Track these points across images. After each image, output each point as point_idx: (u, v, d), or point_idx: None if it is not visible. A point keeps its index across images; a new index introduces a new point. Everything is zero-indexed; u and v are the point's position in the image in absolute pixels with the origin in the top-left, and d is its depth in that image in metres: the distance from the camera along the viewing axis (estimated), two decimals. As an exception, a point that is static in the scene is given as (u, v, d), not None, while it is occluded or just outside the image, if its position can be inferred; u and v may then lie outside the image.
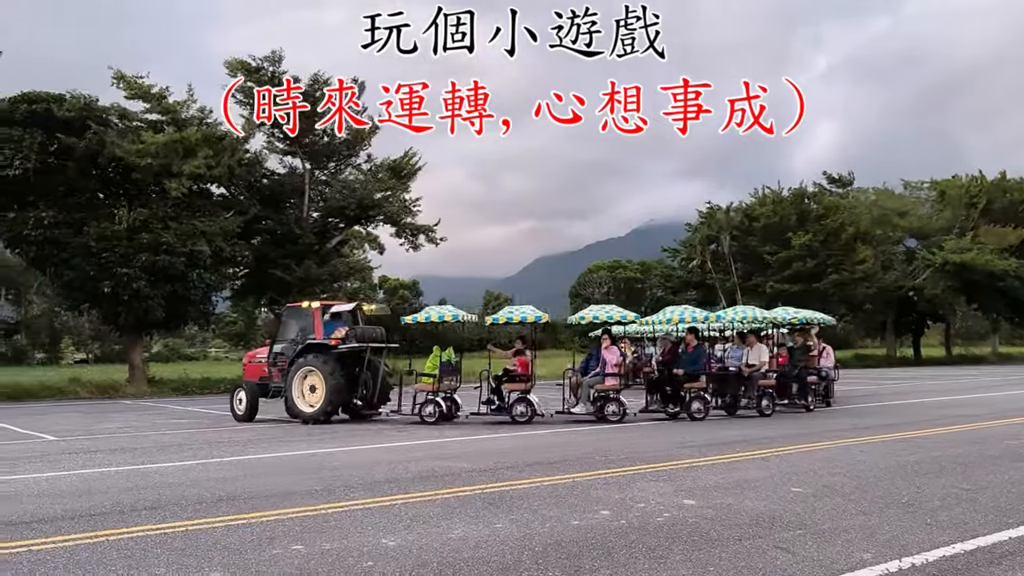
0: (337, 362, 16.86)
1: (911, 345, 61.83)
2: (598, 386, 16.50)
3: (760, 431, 14.20)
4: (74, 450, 12.85)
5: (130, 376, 30.51)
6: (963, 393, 24.26)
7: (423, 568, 5.51)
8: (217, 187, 32.17)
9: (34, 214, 27.38)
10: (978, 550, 5.86)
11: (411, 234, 35.83)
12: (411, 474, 9.61)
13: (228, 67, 30.56)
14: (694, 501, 7.70)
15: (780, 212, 50.88)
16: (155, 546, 6.19)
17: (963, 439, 12.52)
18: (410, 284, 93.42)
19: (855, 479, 8.85)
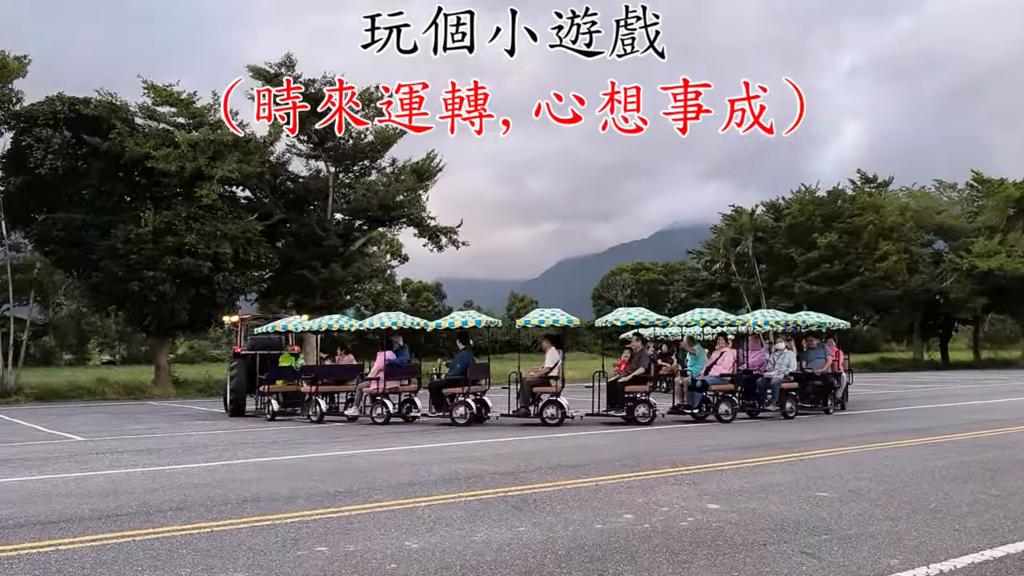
0: (243, 365, 20.14)
1: (938, 349, 61.15)
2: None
3: (786, 435, 14.09)
4: (101, 451, 13.00)
5: (156, 377, 30.80)
6: (992, 397, 23.94)
7: (446, 571, 5.51)
8: (242, 190, 32.42)
9: (63, 216, 27.71)
10: (1008, 557, 5.77)
11: (434, 236, 35.91)
12: (434, 476, 9.62)
13: (252, 71, 30.73)
14: (718, 505, 7.65)
15: (807, 212, 50.32)
16: (181, 547, 6.24)
17: (992, 444, 12.36)
18: (433, 287, 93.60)
19: (882, 484, 8.76)
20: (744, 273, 53.32)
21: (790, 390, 17.69)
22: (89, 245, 28.04)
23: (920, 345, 59.45)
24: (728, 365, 17.40)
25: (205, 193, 27.58)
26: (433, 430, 15.60)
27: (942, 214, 54.65)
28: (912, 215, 53.06)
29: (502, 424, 16.46)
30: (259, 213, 31.34)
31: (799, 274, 49.49)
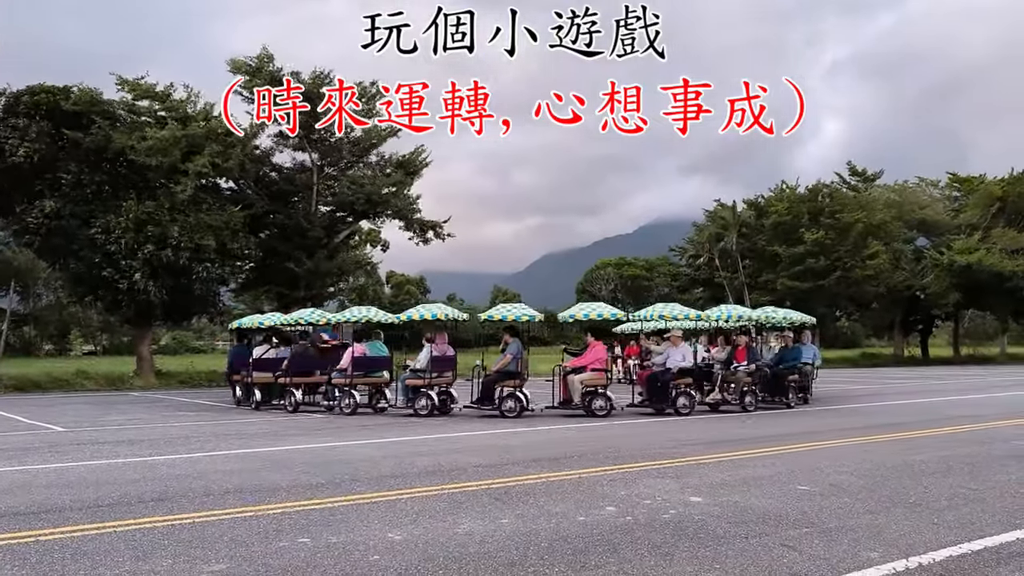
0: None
1: (919, 344, 61.64)
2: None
3: (767, 429, 14.18)
4: (82, 441, 12.92)
5: (138, 368, 30.60)
6: (971, 393, 24.17)
7: (429, 563, 5.51)
8: (226, 181, 32.20)
9: (40, 204, 27.43)
10: (985, 550, 5.84)
11: (420, 229, 35.82)
12: (417, 469, 9.62)
13: (232, 65, 30.55)
14: (700, 498, 7.69)
15: (793, 210, 50.43)
16: (162, 537, 6.22)
17: (971, 439, 12.48)
18: (417, 280, 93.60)
19: (862, 478, 8.83)
20: (728, 268, 53.49)
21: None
22: (69, 235, 27.79)
23: (901, 341, 59.95)
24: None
25: (181, 189, 27.37)
26: (413, 422, 15.59)
27: (925, 209, 55.02)
28: (896, 211, 53.43)
29: (466, 416, 16.62)
30: (242, 204, 31.10)
31: (783, 269, 49.59)
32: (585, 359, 17.13)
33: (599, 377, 16.89)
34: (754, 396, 18.08)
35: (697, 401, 17.65)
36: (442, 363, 17.22)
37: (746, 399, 17.86)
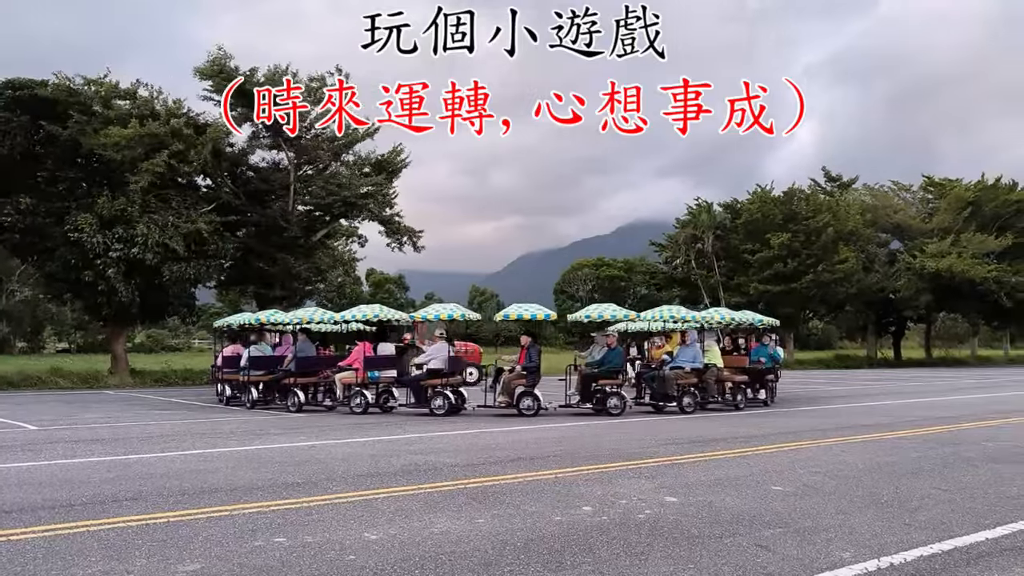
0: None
1: (891, 347, 62.25)
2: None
3: (743, 429, 14.28)
4: (55, 440, 12.78)
5: (112, 366, 30.33)
6: (942, 395, 24.46)
7: (405, 562, 5.52)
8: (203, 179, 31.91)
9: (13, 200, 27.09)
10: (955, 550, 5.93)
11: (396, 234, 35.71)
12: (394, 468, 9.61)
13: (200, 74, 30.41)
14: (675, 498, 7.75)
15: (765, 211, 50.71)
16: (136, 537, 6.18)
17: (941, 440, 12.64)
18: (396, 279, 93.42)
19: (835, 479, 8.93)
20: (704, 268, 53.71)
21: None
22: (44, 232, 27.47)
23: (874, 343, 60.54)
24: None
25: (136, 180, 26.99)
26: (394, 422, 15.57)
27: (899, 214, 55.58)
28: (871, 215, 53.91)
29: (480, 415, 16.67)
30: (217, 203, 30.83)
31: (754, 272, 49.85)
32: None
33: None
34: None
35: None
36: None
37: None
